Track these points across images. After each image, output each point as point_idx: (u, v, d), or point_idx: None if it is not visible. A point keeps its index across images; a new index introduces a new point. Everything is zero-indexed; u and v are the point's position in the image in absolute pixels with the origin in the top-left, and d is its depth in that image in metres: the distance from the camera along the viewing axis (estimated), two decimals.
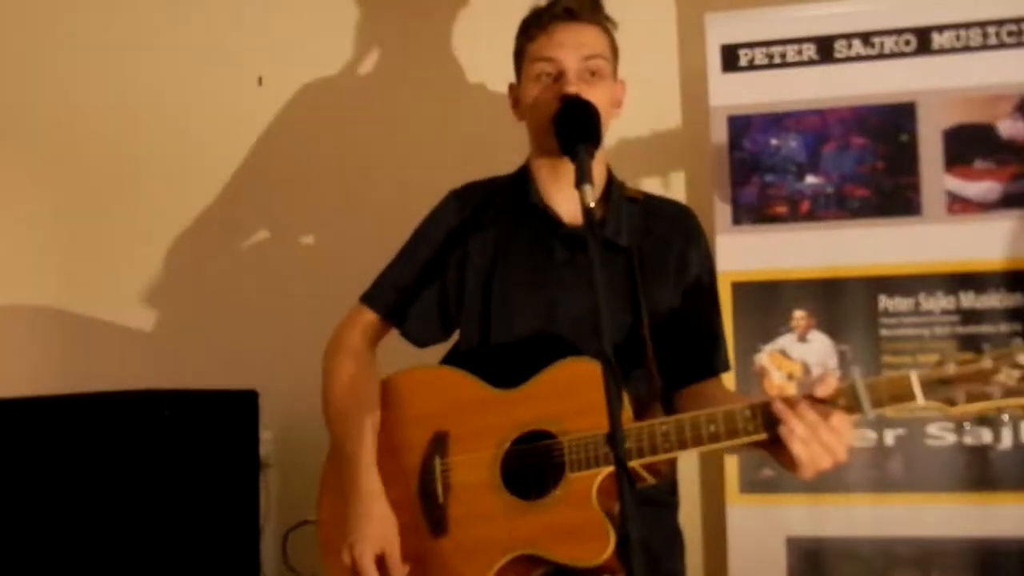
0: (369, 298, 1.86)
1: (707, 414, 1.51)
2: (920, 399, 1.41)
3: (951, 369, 1.41)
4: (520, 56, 1.82)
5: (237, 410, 2.41)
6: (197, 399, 2.31)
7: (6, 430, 2.21)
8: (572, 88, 1.69)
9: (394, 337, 1.88)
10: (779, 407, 1.45)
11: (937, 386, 1.41)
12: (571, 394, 1.21)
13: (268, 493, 2.61)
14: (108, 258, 3.00)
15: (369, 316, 1.85)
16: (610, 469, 1.54)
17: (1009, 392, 1.38)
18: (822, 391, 1.45)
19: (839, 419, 1.44)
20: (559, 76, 1.72)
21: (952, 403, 1.40)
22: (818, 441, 1.43)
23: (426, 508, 1.67)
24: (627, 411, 1.59)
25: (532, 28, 1.77)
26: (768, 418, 1.47)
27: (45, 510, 2.16)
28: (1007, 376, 1.38)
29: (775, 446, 1.48)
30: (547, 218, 1.79)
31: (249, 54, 2.94)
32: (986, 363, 1.39)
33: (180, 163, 2.97)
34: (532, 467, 1.61)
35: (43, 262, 3.04)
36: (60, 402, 2.27)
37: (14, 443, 2.20)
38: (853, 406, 1.44)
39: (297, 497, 2.49)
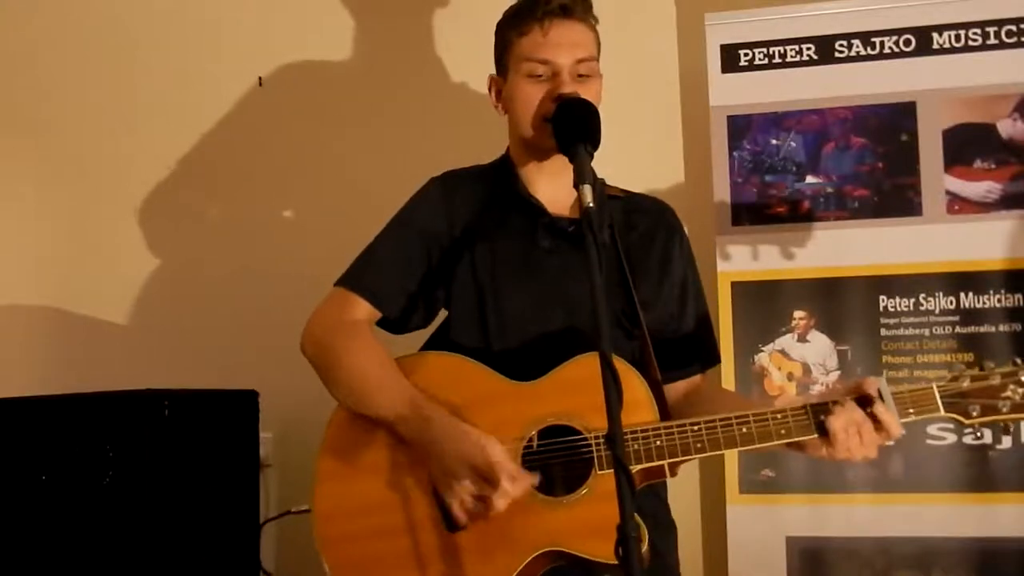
0: (351, 282, 1.77)
1: (738, 416, 1.57)
2: (941, 410, 1.56)
3: (966, 384, 1.56)
4: (507, 47, 1.77)
5: (237, 410, 2.41)
6: (197, 399, 2.31)
7: (6, 430, 2.21)
8: (568, 90, 1.68)
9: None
10: (829, 415, 1.54)
11: (955, 399, 1.56)
12: (592, 391, 1.22)
13: (268, 493, 2.61)
14: (108, 258, 2.99)
15: (355, 301, 1.75)
16: (640, 467, 1.58)
17: (1015, 408, 1.54)
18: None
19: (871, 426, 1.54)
20: (552, 76, 1.71)
21: (967, 415, 1.56)
22: (854, 441, 1.54)
23: (442, 501, 1.62)
24: (654, 411, 1.62)
25: (526, 22, 1.73)
26: (807, 425, 1.56)
27: (45, 510, 2.16)
28: (1013, 393, 1.54)
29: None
30: (531, 207, 1.78)
31: (249, 54, 2.94)
32: (995, 380, 1.55)
33: (180, 164, 2.97)
34: (555, 462, 1.59)
35: (43, 262, 3.03)
36: (60, 402, 2.26)
37: (14, 443, 2.20)
38: None
39: (297, 498, 2.49)
